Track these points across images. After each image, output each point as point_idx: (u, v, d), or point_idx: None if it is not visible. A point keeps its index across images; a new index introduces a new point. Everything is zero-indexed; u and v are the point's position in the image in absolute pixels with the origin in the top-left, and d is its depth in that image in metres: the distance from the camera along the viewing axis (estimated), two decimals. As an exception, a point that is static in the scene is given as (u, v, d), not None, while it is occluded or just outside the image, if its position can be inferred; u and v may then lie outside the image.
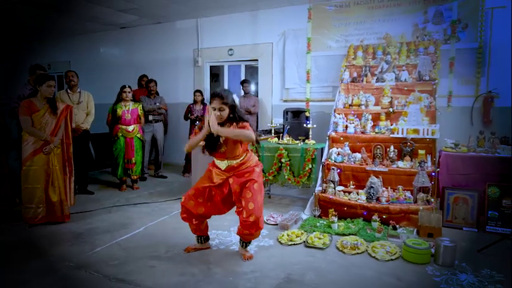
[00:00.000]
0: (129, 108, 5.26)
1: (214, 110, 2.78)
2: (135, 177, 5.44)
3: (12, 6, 6.22)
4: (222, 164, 2.94)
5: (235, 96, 2.89)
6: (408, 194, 3.81)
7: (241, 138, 2.81)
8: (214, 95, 2.79)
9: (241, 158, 2.93)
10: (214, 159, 3.00)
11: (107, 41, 8.35)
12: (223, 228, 3.74)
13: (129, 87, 5.36)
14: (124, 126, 5.23)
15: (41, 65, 4.80)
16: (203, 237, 3.21)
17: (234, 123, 2.85)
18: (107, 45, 8.40)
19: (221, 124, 2.82)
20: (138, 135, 5.37)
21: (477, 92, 5.04)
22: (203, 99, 6.49)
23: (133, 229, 3.73)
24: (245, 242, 3.08)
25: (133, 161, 5.33)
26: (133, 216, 4.19)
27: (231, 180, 2.91)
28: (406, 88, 4.60)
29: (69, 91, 4.99)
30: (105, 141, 5.78)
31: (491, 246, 3.10)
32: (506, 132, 4.21)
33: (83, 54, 8.58)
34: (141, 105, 5.47)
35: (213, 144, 2.85)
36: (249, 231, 2.87)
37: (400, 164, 4.04)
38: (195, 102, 6.40)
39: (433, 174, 3.83)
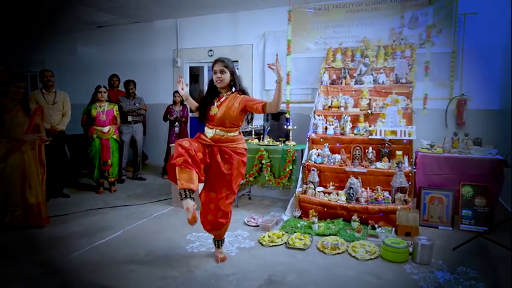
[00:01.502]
0: (104, 109, 5.16)
1: (216, 73, 2.81)
2: (112, 179, 5.33)
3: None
4: (210, 132, 2.83)
5: (236, 70, 2.94)
6: (386, 194, 3.89)
7: (279, 102, 2.72)
8: (216, 60, 2.85)
9: (231, 133, 2.85)
10: (205, 127, 2.89)
11: (83, 40, 8.14)
12: (204, 230, 3.70)
13: (105, 87, 5.26)
14: (99, 128, 5.12)
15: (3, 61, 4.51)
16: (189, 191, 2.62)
17: (236, 93, 2.84)
18: (84, 45, 8.19)
19: (222, 90, 2.86)
20: (114, 136, 5.27)
21: (451, 94, 5.21)
22: (182, 100, 6.42)
23: (111, 233, 3.65)
24: (219, 241, 3.05)
25: (110, 163, 5.22)
26: (111, 219, 4.10)
27: (218, 158, 2.79)
28: (383, 90, 4.70)
29: (44, 91, 4.83)
30: (81, 142, 5.63)
31: (465, 244, 3.21)
32: (479, 134, 4.36)
33: (58, 53, 8.33)
34: (116, 106, 5.37)
35: (206, 102, 2.87)
36: (216, 230, 2.96)
37: (379, 164, 4.12)
38: (174, 103, 6.33)
39: (410, 174, 3.92)
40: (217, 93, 2.93)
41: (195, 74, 7.63)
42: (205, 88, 3.10)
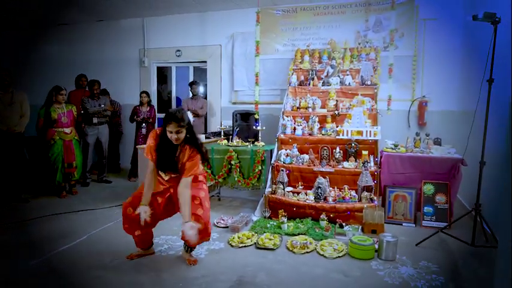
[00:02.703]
0: (64, 111, 4.98)
1: (171, 133, 2.68)
2: (74, 181, 5.15)
3: None
4: (165, 176, 2.92)
5: (189, 115, 2.85)
6: (353, 193, 3.98)
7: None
8: (170, 119, 2.65)
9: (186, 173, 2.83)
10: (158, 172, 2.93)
11: (42, 38, 7.75)
12: (173, 233, 3.65)
13: (65, 89, 5.10)
14: (61, 129, 4.93)
15: None
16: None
17: (188, 147, 2.77)
18: (43, 43, 7.80)
19: (177, 146, 2.77)
20: (76, 138, 5.11)
21: (413, 96, 5.43)
22: (150, 100, 6.30)
23: (75, 238, 3.50)
24: (190, 247, 3.03)
25: (75, 165, 5.03)
26: (75, 224, 3.94)
27: (172, 190, 2.90)
28: (350, 92, 4.82)
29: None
30: (40, 144, 5.36)
31: (427, 239, 3.34)
32: (439, 134, 4.56)
33: (15, 51, 7.91)
34: (74, 107, 5.20)
35: (166, 165, 2.83)
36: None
37: (346, 164, 4.21)
38: (141, 104, 6.19)
39: (376, 173, 4.04)
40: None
41: (163, 74, 7.49)
42: (174, 88, 3.06)
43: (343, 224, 3.70)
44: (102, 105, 5.85)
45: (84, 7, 6.24)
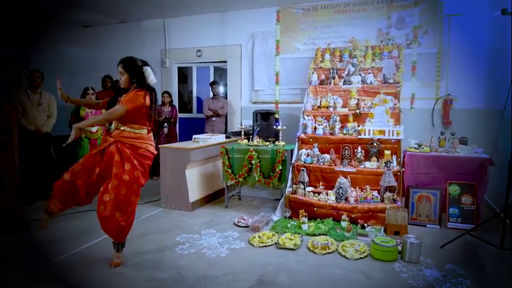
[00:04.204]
0: (92, 110, 5.09)
1: (119, 73, 2.89)
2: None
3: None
4: (112, 125, 2.91)
5: (147, 70, 2.92)
6: (375, 193, 3.92)
7: (101, 123, 2.97)
8: (120, 61, 2.92)
9: (135, 130, 2.84)
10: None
11: (69, 40, 7.99)
12: (194, 232, 3.69)
13: (92, 89, 5.19)
14: (88, 128, 5.05)
15: None
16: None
17: (136, 89, 2.85)
18: (69, 45, 8.05)
19: (126, 89, 2.87)
20: (102, 137, 5.22)
21: (437, 94, 5.29)
22: (171, 100, 6.38)
23: (99, 235, 3.57)
24: (116, 244, 2.93)
25: (99, 163, 5.15)
26: (97, 222, 4.02)
27: (117, 156, 2.75)
28: (371, 90, 4.74)
29: (29, 91, 4.74)
30: (68, 144, 5.52)
31: (452, 241, 3.25)
32: (465, 133, 4.43)
33: (43, 53, 8.17)
34: None
35: (114, 102, 2.87)
36: (102, 225, 2.82)
37: (367, 164, 4.15)
38: (163, 103, 6.27)
39: (399, 173, 3.96)
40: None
41: (183, 75, 7.58)
42: (194, 88, 3.12)
43: (365, 224, 3.64)
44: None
45: (108, 9, 6.38)
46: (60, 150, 5.80)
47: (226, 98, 6.67)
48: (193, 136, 4.96)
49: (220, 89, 6.75)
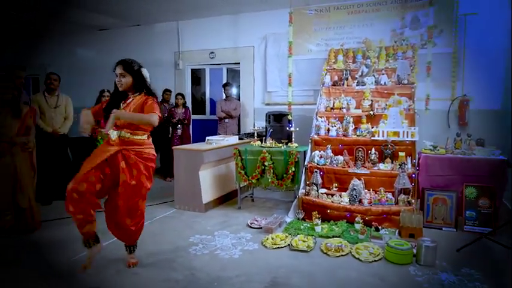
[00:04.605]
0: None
1: (116, 76, 2.76)
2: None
3: (-15, 7, 6.01)
4: (114, 134, 2.72)
5: (145, 71, 2.87)
6: (390, 195, 3.87)
7: (142, 124, 2.72)
8: (117, 62, 2.77)
9: (138, 137, 2.77)
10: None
11: (85, 43, 8.15)
12: (207, 233, 3.71)
13: (108, 91, 5.27)
14: (103, 129, 5.12)
15: (18, 65, 4.48)
16: (92, 240, 2.71)
17: (143, 94, 2.79)
18: (85, 48, 8.20)
19: (125, 92, 2.80)
20: None
21: (453, 95, 5.20)
22: (185, 102, 6.44)
23: (112, 236, 3.63)
24: (128, 247, 2.95)
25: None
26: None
27: (122, 164, 2.70)
28: (385, 91, 4.70)
29: (46, 94, 4.84)
30: (83, 145, 5.62)
31: (469, 245, 3.19)
32: (482, 134, 4.34)
33: (60, 57, 8.34)
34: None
35: (112, 107, 2.74)
36: (115, 232, 2.87)
37: (381, 166, 4.11)
38: (176, 105, 6.33)
39: (413, 175, 3.91)
40: (124, 95, 2.85)
41: (196, 76, 7.63)
42: (207, 90, 3.09)
43: (379, 227, 3.61)
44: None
45: (123, 13, 6.48)
46: (76, 152, 5.92)
47: (239, 99, 6.70)
48: (207, 137, 4.99)
49: (233, 91, 6.78)
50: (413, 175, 3.91)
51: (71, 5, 5.95)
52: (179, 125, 6.23)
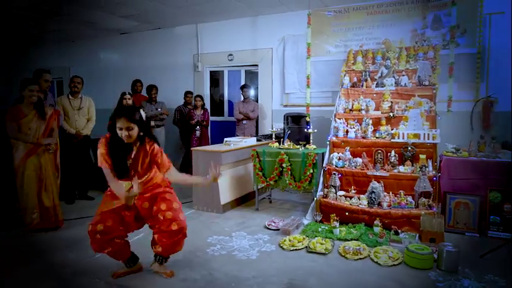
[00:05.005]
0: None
1: (121, 130, 2.49)
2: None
3: (12, 13, 6.23)
4: (125, 184, 2.57)
5: (142, 112, 2.66)
6: (410, 198, 3.81)
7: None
8: (120, 114, 2.49)
9: (145, 176, 2.69)
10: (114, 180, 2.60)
11: (106, 47, 8.36)
12: (225, 234, 3.73)
13: (129, 93, 5.38)
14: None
15: (45, 69, 4.62)
16: (130, 260, 2.82)
17: (145, 143, 2.62)
18: (107, 51, 8.41)
19: (130, 145, 2.57)
20: None
21: (477, 96, 5.06)
22: (203, 104, 6.50)
23: (133, 235, 3.68)
24: (163, 258, 2.82)
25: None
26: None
27: (138, 202, 2.66)
28: (406, 93, 4.62)
29: (70, 96, 4.99)
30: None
31: (493, 251, 3.10)
32: (507, 137, 4.21)
33: (83, 60, 8.58)
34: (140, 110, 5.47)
35: (121, 169, 2.56)
36: (173, 240, 2.64)
37: (401, 168, 4.04)
38: (195, 107, 6.40)
39: (435, 179, 3.83)
40: (127, 147, 2.61)
41: (215, 78, 7.70)
42: (226, 92, 3.01)
43: (399, 230, 3.55)
44: (159, 109, 6.15)
45: (144, 17, 6.60)
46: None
47: (257, 101, 6.72)
48: (225, 139, 5.02)
49: (251, 92, 6.81)
50: (435, 178, 3.83)
51: (93, 9, 6.11)
52: (198, 127, 6.30)
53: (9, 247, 3.43)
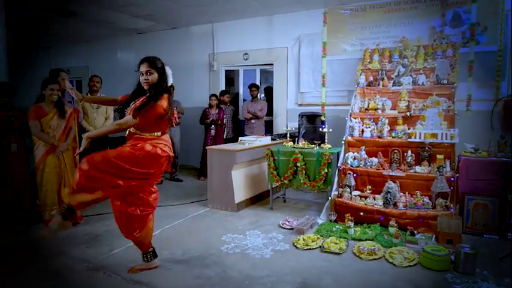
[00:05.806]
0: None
1: (142, 75, 2.68)
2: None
3: (32, 13, 6.39)
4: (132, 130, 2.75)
5: (168, 70, 2.85)
6: (426, 199, 3.75)
7: (113, 132, 2.74)
8: (142, 60, 2.70)
9: (147, 134, 2.77)
10: None
11: (124, 46, 8.49)
12: (239, 232, 3.75)
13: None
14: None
15: (61, 68, 4.74)
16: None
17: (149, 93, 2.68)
18: (124, 51, 8.54)
19: (148, 90, 2.71)
20: None
21: (497, 95, 4.93)
22: (218, 103, 6.54)
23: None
24: (148, 255, 2.86)
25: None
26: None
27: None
28: (423, 92, 4.54)
29: (89, 95, 5.09)
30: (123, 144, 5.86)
31: (513, 253, 3.02)
32: (528, 137, 4.10)
33: (101, 59, 8.74)
34: None
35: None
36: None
37: (418, 168, 3.98)
38: (210, 106, 6.45)
39: (452, 179, 3.75)
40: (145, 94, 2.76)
41: (230, 78, 7.74)
42: (241, 91, 3.07)
43: (415, 231, 3.50)
44: (175, 108, 6.20)
45: (161, 17, 6.69)
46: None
47: (265, 101, 6.72)
48: (239, 138, 5.05)
49: (259, 92, 6.81)
50: (452, 179, 3.76)
51: (111, 10, 6.22)
52: (213, 126, 6.34)
53: (29, 242, 3.53)
